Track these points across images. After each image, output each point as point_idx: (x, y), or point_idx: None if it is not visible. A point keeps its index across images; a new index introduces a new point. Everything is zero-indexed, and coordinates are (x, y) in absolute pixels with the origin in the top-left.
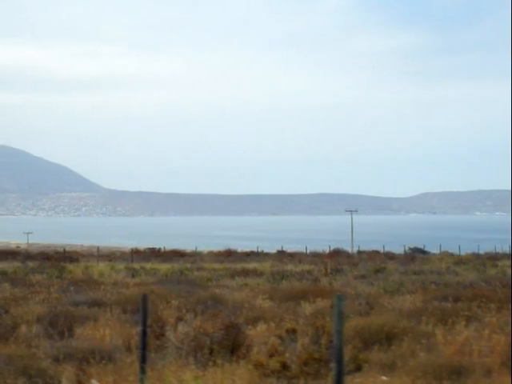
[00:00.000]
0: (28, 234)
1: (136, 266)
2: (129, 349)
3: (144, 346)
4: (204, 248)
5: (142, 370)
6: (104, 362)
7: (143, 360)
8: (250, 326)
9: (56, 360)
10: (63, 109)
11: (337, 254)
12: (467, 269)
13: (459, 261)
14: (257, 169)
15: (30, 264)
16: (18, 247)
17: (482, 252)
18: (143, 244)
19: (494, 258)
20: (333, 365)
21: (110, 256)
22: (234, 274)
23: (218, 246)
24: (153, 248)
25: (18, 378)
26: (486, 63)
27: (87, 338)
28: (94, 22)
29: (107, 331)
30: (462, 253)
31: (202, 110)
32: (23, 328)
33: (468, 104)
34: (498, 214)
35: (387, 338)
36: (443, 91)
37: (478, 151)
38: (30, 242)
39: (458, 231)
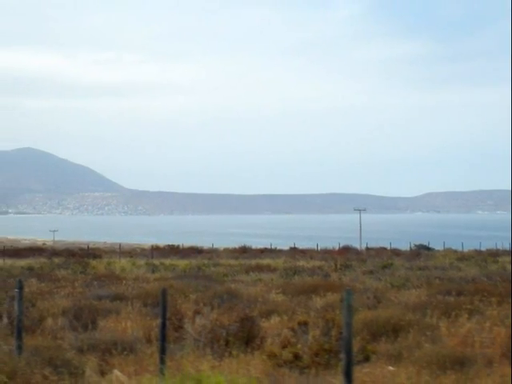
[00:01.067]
0: (54, 231)
1: (156, 261)
2: (149, 340)
3: (163, 338)
4: (220, 245)
5: (162, 361)
6: (125, 352)
7: (162, 351)
8: (263, 319)
9: (80, 351)
10: (87, 113)
11: (346, 250)
12: (469, 265)
13: (462, 257)
14: (270, 170)
15: (56, 260)
16: (44, 244)
17: (483, 249)
18: (163, 241)
19: (494, 254)
20: (342, 355)
21: (132, 252)
22: (248, 270)
23: (233, 243)
24: (172, 245)
25: (44, 367)
26: (487, 70)
27: (110, 330)
28: (117, 31)
29: (128, 324)
30: (465, 249)
31: (219, 114)
32: (49, 321)
33: (470, 109)
34: (498, 212)
35: (394, 330)
36: (446, 96)
37: (479, 153)
38: (56, 239)
39: (461, 229)
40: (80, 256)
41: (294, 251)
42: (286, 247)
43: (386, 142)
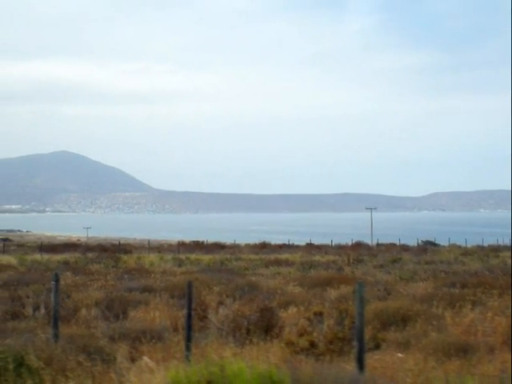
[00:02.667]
0: (87, 228)
1: (182, 256)
2: (176, 329)
3: (189, 327)
4: (242, 241)
5: (187, 348)
6: (154, 340)
7: (188, 339)
8: (282, 310)
9: (112, 339)
10: (118, 119)
11: (358, 246)
12: (473, 259)
13: (465, 252)
14: (288, 171)
15: (89, 255)
16: (78, 240)
17: (485, 244)
18: (188, 237)
19: (496, 249)
20: (355, 343)
21: (160, 248)
22: (268, 264)
23: (253, 239)
24: (197, 241)
25: (78, 354)
26: (489, 79)
27: (139, 320)
28: (145, 42)
29: (156, 314)
30: (468, 245)
31: (240, 120)
32: (83, 311)
33: (473, 115)
34: (499, 211)
35: (402, 320)
36: (451, 103)
37: (482, 156)
38: (89, 235)
39: (465, 226)
40: (112, 251)
41: (309, 247)
42: (302, 243)
43: (395, 145)
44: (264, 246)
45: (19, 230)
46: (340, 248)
